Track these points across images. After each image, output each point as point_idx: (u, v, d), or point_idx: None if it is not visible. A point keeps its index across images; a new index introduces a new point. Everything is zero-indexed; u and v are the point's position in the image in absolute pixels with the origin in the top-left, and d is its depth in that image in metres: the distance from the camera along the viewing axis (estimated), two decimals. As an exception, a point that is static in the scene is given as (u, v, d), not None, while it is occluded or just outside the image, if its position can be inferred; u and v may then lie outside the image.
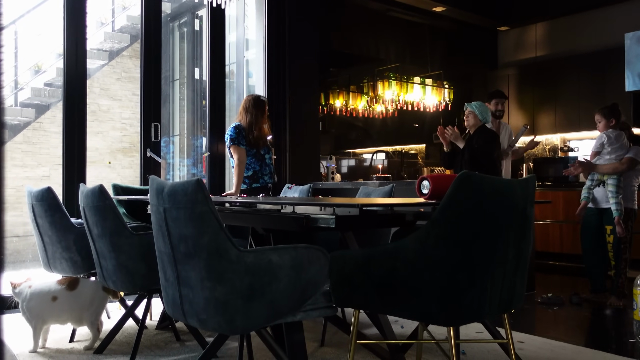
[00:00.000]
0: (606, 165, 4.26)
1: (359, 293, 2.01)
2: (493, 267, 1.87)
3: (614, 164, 4.23)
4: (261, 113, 4.17)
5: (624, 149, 4.26)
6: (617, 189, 4.20)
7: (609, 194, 4.22)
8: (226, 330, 1.93)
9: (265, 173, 4.22)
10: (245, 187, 4.16)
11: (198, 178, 1.88)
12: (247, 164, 4.14)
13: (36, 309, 3.02)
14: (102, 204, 2.73)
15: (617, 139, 4.28)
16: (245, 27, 7.61)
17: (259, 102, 4.20)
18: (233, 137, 4.10)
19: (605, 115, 4.38)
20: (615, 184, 4.20)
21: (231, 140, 4.10)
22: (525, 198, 1.96)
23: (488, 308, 1.91)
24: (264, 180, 4.22)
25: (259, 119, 4.16)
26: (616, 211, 4.17)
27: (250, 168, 4.15)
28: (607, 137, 4.30)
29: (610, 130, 4.34)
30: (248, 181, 4.17)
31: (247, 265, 1.88)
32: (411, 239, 1.87)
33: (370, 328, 3.31)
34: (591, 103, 6.70)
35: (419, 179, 2.18)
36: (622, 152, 4.26)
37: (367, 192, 3.62)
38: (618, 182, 4.20)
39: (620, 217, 4.15)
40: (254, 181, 4.17)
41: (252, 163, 4.16)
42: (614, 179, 4.21)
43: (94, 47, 8.60)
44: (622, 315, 3.99)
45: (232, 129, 4.14)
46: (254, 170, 4.16)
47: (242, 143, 4.10)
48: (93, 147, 8.64)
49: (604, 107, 4.45)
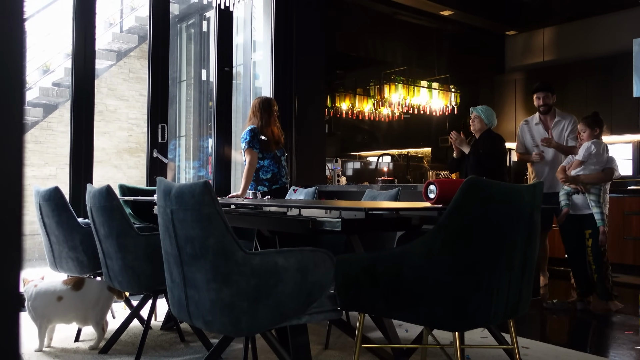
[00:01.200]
0: (590, 176, 4.24)
1: (365, 296, 2.01)
2: (499, 273, 1.86)
3: (598, 174, 4.23)
4: (270, 115, 4.20)
5: (604, 159, 4.26)
6: (598, 198, 4.20)
7: (591, 202, 4.21)
8: (231, 332, 1.94)
9: (282, 174, 4.31)
10: (266, 190, 4.22)
11: (205, 180, 1.89)
12: (266, 166, 4.21)
13: (41, 308, 3.03)
14: (109, 205, 2.74)
15: (603, 150, 4.28)
16: (252, 28, 7.62)
17: (267, 103, 4.23)
18: (248, 140, 4.12)
19: (589, 124, 4.34)
20: (597, 194, 4.21)
21: (247, 144, 4.12)
22: (532, 204, 1.96)
23: (494, 314, 1.90)
24: (282, 181, 4.31)
25: (270, 120, 4.20)
26: (601, 221, 4.17)
27: (269, 170, 4.22)
28: (595, 148, 4.26)
29: (596, 140, 4.30)
30: (268, 183, 4.25)
31: (253, 267, 1.88)
32: (417, 243, 1.87)
33: (374, 331, 3.31)
34: (599, 108, 6.68)
35: (426, 183, 2.18)
36: (603, 162, 4.25)
37: (373, 196, 3.62)
38: (599, 192, 4.21)
39: (604, 226, 4.16)
40: (273, 183, 4.25)
41: (271, 165, 4.23)
42: (596, 188, 4.21)
43: (102, 48, 8.65)
44: (627, 321, 3.97)
45: (247, 132, 4.15)
46: (272, 173, 4.23)
47: (256, 147, 4.14)
48: (100, 147, 8.68)
49: (586, 117, 4.39)
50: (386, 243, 3.19)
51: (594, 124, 4.33)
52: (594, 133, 4.32)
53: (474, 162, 4.76)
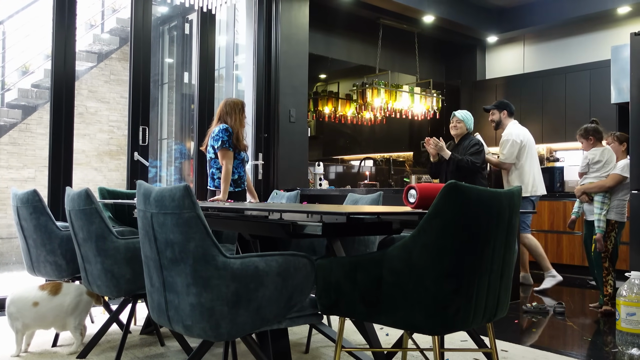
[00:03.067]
0: (592, 185, 4.31)
1: (345, 301, 2.01)
2: (479, 277, 1.88)
3: (600, 182, 4.29)
4: (243, 117, 4.18)
5: (610, 165, 4.32)
6: (602, 205, 4.24)
7: (594, 209, 4.27)
8: (211, 336, 1.93)
9: (245, 179, 4.27)
10: (232, 190, 4.15)
11: (186, 184, 1.88)
12: (234, 167, 4.13)
13: (16, 314, 2.99)
14: (88, 208, 2.71)
15: (604, 156, 4.35)
16: (235, 32, 7.61)
17: (242, 106, 4.20)
18: (225, 139, 4.02)
19: (583, 136, 4.47)
20: (600, 200, 4.25)
21: (223, 143, 4.02)
22: (511, 208, 1.98)
23: (473, 317, 1.92)
24: (243, 186, 4.26)
25: (242, 123, 4.17)
26: (597, 228, 4.22)
27: (236, 172, 4.17)
28: (590, 158, 4.38)
29: (593, 149, 4.40)
30: (233, 185, 4.17)
31: (233, 271, 1.88)
32: (397, 247, 1.88)
33: (355, 335, 3.31)
34: (577, 114, 6.79)
35: (406, 187, 2.19)
36: (609, 167, 4.32)
37: (355, 200, 3.63)
38: (603, 199, 4.24)
39: (601, 233, 4.20)
40: (237, 186, 4.19)
41: (238, 167, 4.17)
42: (600, 195, 4.26)
43: (83, 49, 8.56)
44: (608, 324, 4.03)
45: (223, 132, 4.04)
46: (239, 175, 4.19)
47: (231, 147, 4.07)
48: (80, 149, 8.59)
49: (580, 129, 4.52)
50: (367, 247, 3.20)
51: (586, 135, 4.44)
52: (590, 143, 4.43)
53: (453, 167, 4.80)
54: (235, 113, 4.13)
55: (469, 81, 8.24)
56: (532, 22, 7.35)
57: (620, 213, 4.28)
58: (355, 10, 6.77)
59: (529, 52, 7.84)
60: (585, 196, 4.38)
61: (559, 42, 7.49)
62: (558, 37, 7.49)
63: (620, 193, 4.28)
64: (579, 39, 7.29)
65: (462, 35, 7.79)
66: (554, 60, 7.47)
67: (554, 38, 7.54)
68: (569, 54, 7.34)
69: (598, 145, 4.45)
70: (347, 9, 6.71)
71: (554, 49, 7.54)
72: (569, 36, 7.39)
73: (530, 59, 7.82)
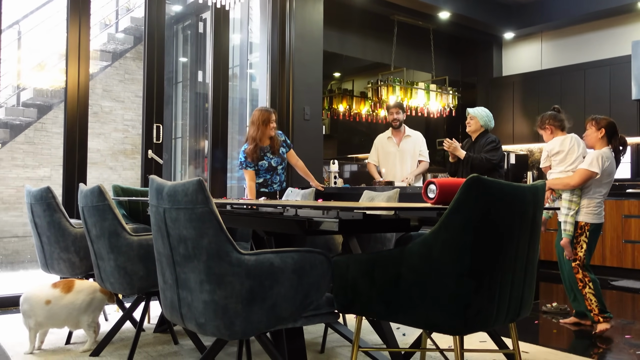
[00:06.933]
0: (557, 180, 3.66)
1: (362, 299, 1.95)
2: (501, 275, 1.81)
3: (565, 178, 3.62)
4: (268, 127, 4.41)
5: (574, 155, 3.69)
6: (569, 204, 3.60)
7: (562, 210, 3.63)
8: (225, 335, 1.88)
9: (275, 182, 4.54)
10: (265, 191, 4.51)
11: (199, 178, 1.83)
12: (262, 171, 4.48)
13: (29, 312, 2.97)
14: (101, 204, 2.68)
15: (561, 146, 3.72)
16: (249, 30, 7.58)
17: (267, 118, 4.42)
18: (242, 161, 4.47)
19: (539, 126, 3.83)
20: (568, 199, 3.61)
21: (240, 165, 4.49)
22: (535, 204, 1.91)
23: (495, 317, 1.85)
24: (273, 187, 4.54)
25: (266, 132, 4.41)
26: (564, 232, 3.60)
27: (262, 176, 4.50)
28: (549, 149, 3.77)
29: (554, 139, 3.78)
30: (257, 186, 4.49)
31: (248, 268, 1.83)
32: (417, 244, 1.82)
33: (371, 335, 3.25)
34: (597, 111, 6.66)
35: (426, 182, 2.12)
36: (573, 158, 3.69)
37: (371, 197, 3.57)
38: (571, 196, 3.60)
39: (568, 238, 3.58)
40: (262, 187, 4.51)
41: (265, 173, 4.50)
42: (567, 193, 3.61)
43: (98, 49, 8.59)
44: (627, 325, 3.93)
45: (241, 153, 4.48)
46: (264, 178, 4.51)
47: (250, 166, 4.44)
48: (95, 148, 8.61)
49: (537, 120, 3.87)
50: (384, 244, 3.14)
51: (542, 124, 3.83)
52: (548, 133, 3.82)
53: (468, 166, 4.72)
54: (258, 124, 4.40)
55: (486, 78, 8.13)
56: (550, 17, 7.23)
57: (592, 213, 3.58)
58: (369, 7, 6.71)
59: (547, 48, 7.71)
60: (550, 192, 3.69)
61: (578, 38, 7.36)
62: (577, 33, 7.36)
63: (592, 190, 3.58)
64: (598, 34, 7.15)
65: (479, 31, 7.69)
66: (572, 56, 7.34)
67: (572, 33, 7.41)
68: (588, 49, 7.21)
69: (558, 134, 3.79)
70: (362, 6, 6.64)
71: (572, 44, 7.41)
72: (588, 31, 7.26)
73: (548, 55, 7.69)
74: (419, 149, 5.54)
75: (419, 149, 5.54)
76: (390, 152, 5.60)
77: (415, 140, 5.56)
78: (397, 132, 5.57)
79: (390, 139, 5.62)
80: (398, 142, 5.57)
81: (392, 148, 5.60)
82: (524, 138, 7.54)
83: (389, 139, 5.63)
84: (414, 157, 5.54)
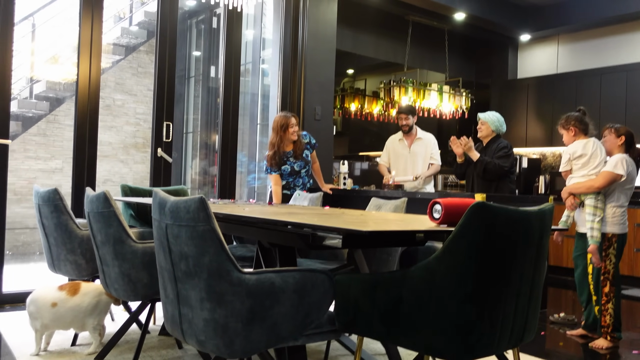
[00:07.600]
0: (580, 184, 3.58)
1: (364, 319, 1.94)
2: (505, 301, 1.79)
3: (588, 181, 3.53)
4: (287, 133, 4.60)
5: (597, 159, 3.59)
6: (594, 210, 3.50)
7: (586, 216, 3.53)
8: (225, 353, 1.87)
9: (297, 184, 4.77)
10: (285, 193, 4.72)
11: (201, 196, 1.82)
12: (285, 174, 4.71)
13: (35, 314, 2.99)
14: (107, 211, 2.68)
15: (584, 150, 3.62)
16: (262, 26, 7.55)
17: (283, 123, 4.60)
18: (266, 167, 4.74)
19: (563, 126, 3.74)
20: (592, 205, 3.51)
21: (265, 171, 4.75)
22: (541, 229, 1.87)
23: (498, 342, 1.83)
24: (295, 190, 4.72)
25: (284, 137, 4.62)
26: (591, 238, 3.49)
27: (284, 179, 4.74)
28: (571, 152, 3.67)
29: (575, 142, 3.69)
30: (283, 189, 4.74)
31: (248, 287, 1.82)
32: (420, 267, 1.79)
33: (374, 344, 3.24)
34: (612, 117, 6.56)
35: (431, 203, 2.09)
36: (597, 162, 3.59)
37: (378, 205, 3.54)
38: (596, 202, 3.51)
39: (596, 244, 3.48)
40: (285, 189, 4.74)
41: (288, 176, 4.73)
42: (591, 198, 3.52)
43: (111, 42, 8.60)
44: (636, 339, 3.88)
45: (265, 161, 4.74)
46: (287, 181, 4.75)
47: (274, 170, 4.68)
48: (106, 141, 8.65)
49: (561, 118, 3.77)
50: (389, 256, 3.11)
51: (566, 124, 3.73)
52: (570, 135, 3.71)
53: (480, 170, 4.67)
54: (277, 130, 4.62)
55: (500, 80, 8.04)
56: (567, 20, 7.12)
57: (618, 223, 3.51)
58: (384, 6, 6.65)
59: (563, 51, 7.61)
60: (572, 198, 3.62)
61: (595, 42, 7.24)
62: (594, 37, 7.25)
63: (615, 197, 3.53)
64: (615, 38, 7.04)
65: (494, 33, 7.60)
66: (589, 60, 7.23)
67: (589, 38, 7.30)
68: (604, 54, 7.10)
69: (581, 137, 3.69)
70: (376, 5, 6.58)
71: (589, 48, 7.30)
72: (605, 36, 7.14)
73: (564, 58, 7.59)
74: (430, 151, 5.49)
75: (430, 152, 5.49)
76: (402, 154, 5.56)
77: (427, 143, 5.51)
78: (409, 135, 5.53)
79: (401, 141, 5.59)
80: (409, 144, 5.53)
81: (403, 150, 5.56)
82: (536, 141, 7.45)
83: (400, 140, 5.60)
84: (425, 159, 5.49)
